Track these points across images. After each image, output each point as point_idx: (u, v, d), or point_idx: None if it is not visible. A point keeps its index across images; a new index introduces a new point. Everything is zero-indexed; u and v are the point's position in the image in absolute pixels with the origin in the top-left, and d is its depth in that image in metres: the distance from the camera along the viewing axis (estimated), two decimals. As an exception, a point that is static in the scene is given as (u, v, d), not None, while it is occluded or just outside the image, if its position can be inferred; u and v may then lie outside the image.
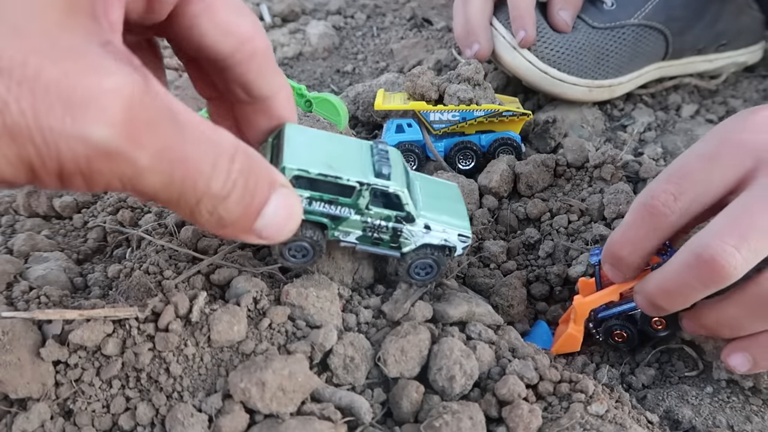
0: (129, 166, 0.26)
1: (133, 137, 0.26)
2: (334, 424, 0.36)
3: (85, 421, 0.38)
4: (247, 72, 0.39)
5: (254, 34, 0.38)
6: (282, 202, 0.33)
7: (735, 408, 0.46)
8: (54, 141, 0.24)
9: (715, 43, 0.89)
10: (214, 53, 0.38)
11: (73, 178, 0.26)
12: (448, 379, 0.40)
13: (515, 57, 0.78)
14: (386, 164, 0.42)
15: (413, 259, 0.44)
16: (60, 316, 0.39)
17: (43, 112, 0.24)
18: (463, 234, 0.45)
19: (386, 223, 0.42)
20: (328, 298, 0.43)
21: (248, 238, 0.34)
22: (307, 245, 0.42)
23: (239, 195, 0.31)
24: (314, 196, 0.40)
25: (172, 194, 0.29)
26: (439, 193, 0.48)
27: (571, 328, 0.49)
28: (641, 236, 0.42)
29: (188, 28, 0.36)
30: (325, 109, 0.61)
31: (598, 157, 0.67)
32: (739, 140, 0.40)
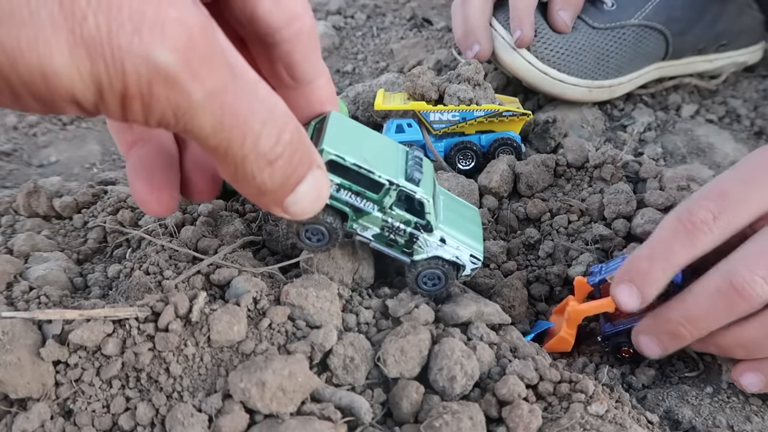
0: (184, 96, 0.27)
1: (191, 67, 0.27)
2: (334, 424, 0.36)
3: (85, 421, 0.38)
4: (293, 50, 0.40)
5: (304, 11, 0.39)
6: (314, 183, 0.34)
7: (735, 408, 0.46)
8: (121, 58, 0.25)
9: (716, 43, 0.89)
10: (265, 26, 0.38)
11: (133, 103, 0.27)
12: (449, 380, 0.40)
13: (515, 58, 0.78)
14: (418, 170, 0.43)
15: (423, 268, 0.45)
16: (60, 316, 0.39)
17: (114, 29, 0.25)
18: (475, 255, 0.45)
19: (405, 227, 0.43)
20: (328, 298, 0.43)
21: (275, 210, 0.34)
22: (324, 230, 0.42)
23: (284, 164, 0.32)
24: (344, 184, 0.41)
25: (222, 141, 0.29)
26: (460, 213, 0.48)
27: (563, 331, 0.50)
28: (675, 251, 0.41)
29: (243, 0, 0.37)
30: (325, 109, 0.60)
31: (598, 157, 0.67)
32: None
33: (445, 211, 0.46)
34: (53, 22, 0.24)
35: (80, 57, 0.25)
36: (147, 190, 0.38)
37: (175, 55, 0.26)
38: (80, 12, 0.24)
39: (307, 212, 0.35)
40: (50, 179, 0.63)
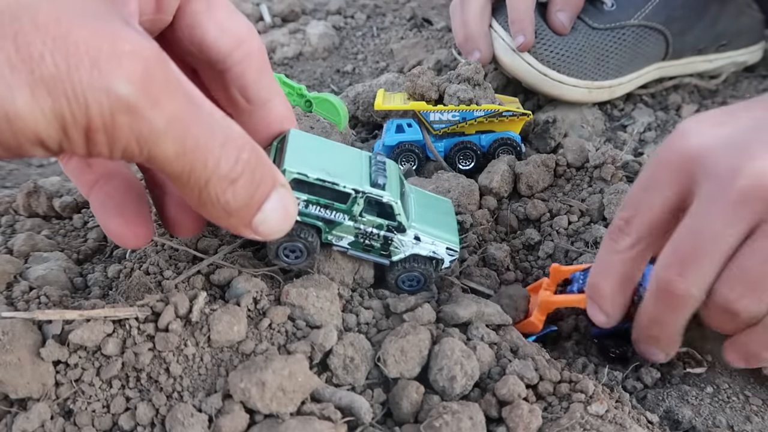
0: (146, 124, 0.28)
1: (150, 96, 0.28)
2: (334, 424, 0.36)
3: (85, 421, 0.38)
4: (244, 72, 0.41)
5: (250, 34, 0.41)
6: (280, 201, 0.35)
7: (735, 408, 0.46)
8: (83, 93, 0.26)
9: (715, 43, 0.89)
10: (214, 53, 0.40)
11: (98, 135, 0.27)
12: (449, 380, 0.40)
13: (514, 59, 0.78)
14: (382, 175, 0.43)
15: (400, 272, 0.46)
16: (60, 317, 0.39)
17: (73, 65, 0.26)
18: (451, 248, 0.47)
19: (378, 231, 0.44)
20: (328, 298, 0.43)
21: (245, 232, 0.35)
22: (301, 246, 0.43)
23: (246, 182, 0.32)
24: (311, 199, 0.42)
25: (185, 166, 0.30)
26: (432, 207, 0.49)
27: (534, 316, 0.51)
28: (609, 262, 0.44)
29: (190, 27, 0.39)
30: (325, 109, 0.61)
31: (598, 157, 0.67)
32: (665, 158, 0.41)
33: (417, 209, 0.47)
34: (11, 66, 0.25)
35: (41, 96, 0.25)
36: (122, 225, 0.39)
37: (133, 86, 0.27)
38: (37, 52, 0.25)
39: (277, 231, 0.36)
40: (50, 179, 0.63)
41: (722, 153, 0.38)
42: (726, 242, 0.38)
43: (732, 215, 0.37)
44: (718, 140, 0.39)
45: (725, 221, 0.38)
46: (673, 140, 0.41)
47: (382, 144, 0.73)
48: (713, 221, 0.38)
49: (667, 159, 0.41)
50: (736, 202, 0.37)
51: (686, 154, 0.40)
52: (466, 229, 0.62)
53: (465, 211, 0.64)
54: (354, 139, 0.79)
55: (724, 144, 0.39)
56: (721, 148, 0.39)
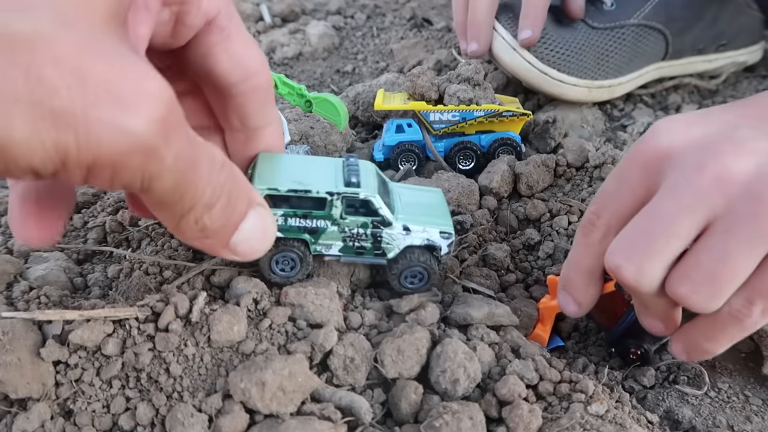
0: (157, 163, 0.28)
1: (166, 136, 0.27)
2: (334, 424, 0.36)
3: (85, 421, 0.38)
4: (248, 103, 0.41)
5: (261, 67, 0.41)
6: (258, 220, 0.35)
7: (735, 408, 0.46)
8: (97, 131, 0.25)
9: (715, 43, 0.89)
10: (222, 81, 0.39)
11: (101, 171, 0.27)
12: (452, 382, 0.40)
13: (514, 58, 0.78)
14: (355, 174, 0.43)
15: (401, 269, 0.45)
16: (60, 317, 0.39)
17: (91, 102, 0.25)
18: (445, 231, 0.45)
19: (364, 230, 0.43)
20: (327, 296, 0.43)
21: (224, 253, 0.35)
22: (294, 256, 0.43)
23: (223, 205, 0.32)
24: (288, 212, 0.42)
25: (175, 197, 0.30)
26: (419, 198, 0.48)
27: (538, 328, 0.51)
28: (580, 254, 0.44)
29: (203, 56, 0.38)
30: (325, 109, 0.60)
31: (598, 157, 0.67)
32: (638, 155, 0.42)
33: (403, 204, 0.46)
34: (17, 96, 0.24)
35: (45, 128, 0.25)
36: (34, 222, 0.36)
37: (155, 126, 0.27)
38: (50, 84, 0.24)
39: (257, 250, 0.36)
40: (50, 179, 0.63)
41: (690, 150, 0.39)
42: (679, 230, 0.38)
43: (690, 205, 0.37)
44: (689, 139, 0.40)
45: (682, 209, 0.38)
46: (645, 138, 0.42)
47: (382, 144, 0.73)
48: (669, 208, 0.38)
49: (638, 155, 0.42)
50: (696, 193, 0.37)
51: (656, 150, 0.41)
52: (466, 229, 0.62)
53: (465, 211, 0.64)
54: (354, 139, 0.79)
55: (694, 142, 0.40)
56: (690, 146, 0.39)
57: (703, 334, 0.41)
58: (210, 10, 0.37)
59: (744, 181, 0.36)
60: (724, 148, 0.38)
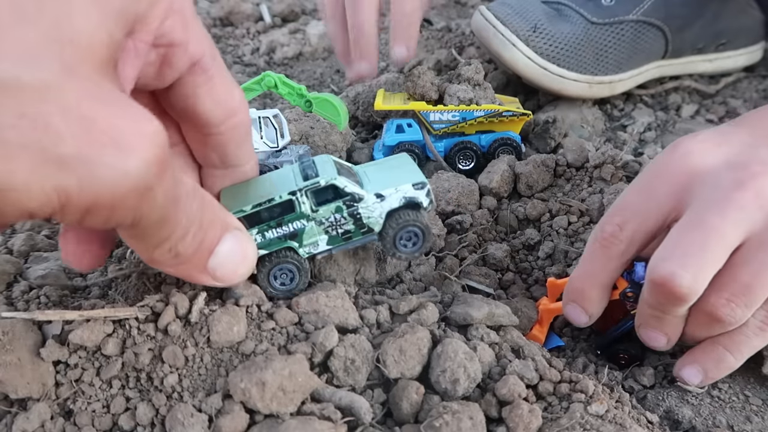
0: (150, 201, 0.29)
1: (161, 176, 0.29)
2: (334, 424, 0.36)
3: (85, 421, 0.38)
4: (228, 141, 0.42)
5: (241, 107, 0.41)
6: (235, 243, 0.36)
7: (735, 408, 0.46)
8: (101, 174, 0.27)
9: (715, 42, 0.89)
10: (203, 121, 0.40)
11: (99, 212, 0.28)
12: (452, 382, 0.40)
13: (514, 54, 0.78)
14: (310, 167, 0.43)
15: (393, 233, 0.44)
16: (60, 317, 0.39)
17: (96, 148, 0.26)
18: (417, 182, 0.44)
19: (340, 214, 0.43)
20: (339, 296, 0.43)
21: (203, 279, 0.36)
22: (292, 267, 0.43)
23: (195, 231, 0.33)
24: (262, 227, 0.42)
25: (155, 230, 0.31)
26: (385, 167, 0.48)
27: (535, 329, 0.52)
28: (598, 268, 0.45)
29: (186, 96, 0.39)
30: (325, 109, 0.60)
31: (598, 157, 0.67)
32: (667, 172, 0.44)
33: (369, 177, 0.45)
34: (22, 144, 0.25)
35: (47, 174, 0.26)
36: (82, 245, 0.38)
37: (153, 168, 0.28)
38: (56, 132, 0.25)
39: (238, 274, 0.37)
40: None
41: (724, 169, 0.42)
42: (728, 242, 0.39)
43: (736, 219, 0.39)
44: (718, 159, 0.42)
45: (729, 223, 0.39)
46: (673, 157, 0.44)
47: (383, 144, 0.73)
48: (717, 221, 0.39)
49: (668, 173, 0.43)
50: (740, 208, 0.39)
51: (687, 170, 0.43)
52: (466, 229, 0.62)
53: (465, 211, 0.64)
54: (354, 139, 0.79)
55: (724, 162, 0.42)
56: (722, 165, 0.42)
57: (727, 349, 0.43)
58: (196, 52, 0.38)
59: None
60: (756, 168, 0.41)
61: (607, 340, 0.50)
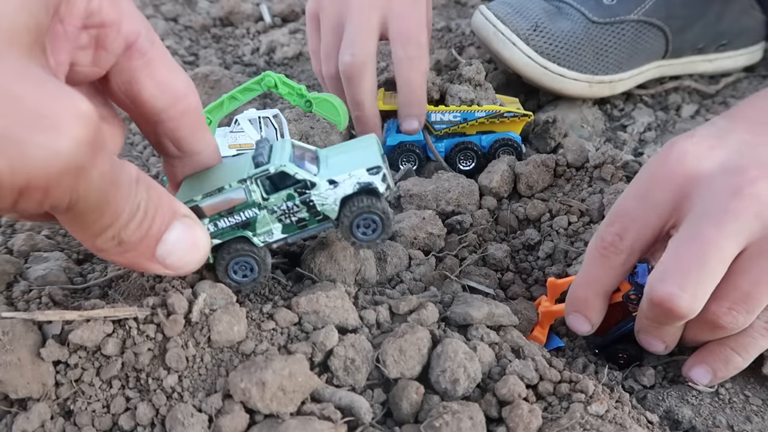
0: (85, 182, 0.29)
1: (94, 156, 0.28)
2: (334, 424, 0.36)
3: (85, 421, 0.38)
4: (179, 127, 0.41)
5: (188, 91, 0.41)
6: (185, 230, 0.35)
7: (735, 408, 0.46)
8: (32, 154, 0.26)
9: (716, 42, 0.89)
10: (149, 107, 0.40)
11: (33, 193, 0.28)
12: (452, 382, 0.40)
13: (514, 53, 0.78)
14: (262, 155, 0.42)
15: (349, 221, 0.43)
16: (60, 317, 0.39)
17: (26, 128, 0.26)
18: (372, 167, 0.42)
19: (292, 201, 0.42)
20: (339, 296, 0.43)
21: (152, 267, 0.35)
22: (250, 260, 0.43)
23: (140, 218, 0.33)
24: (214, 216, 0.42)
25: (95, 216, 0.31)
26: (346, 150, 0.46)
27: (536, 330, 0.52)
28: (600, 277, 0.45)
29: (127, 83, 0.39)
30: (325, 109, 0.61)
31: (598, 157, 0.67)
32: (664, 177, 0.43)
33: (329, 163, 0.44)
34: None
35: None
36: None
37: (85, 147, 0.28)
38: None
39: (189, 261, 0.36)
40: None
41: (720, 174, 0.40)
42: (726, 256, 0.39)
43: (733, 230, 0.39)
44: (714, 162, 0.41)
45: (726, 235, 0.39)
46: (668, 160, 0.43)
47: (384, 144, 0.73)
48: (714, 234, 0.39)
49: (664, 178, 0.42)
50: (737, 218, 0.39)
51: (684, 174, 0.42)
52: (466, 229, 0.62)
53: (465, 211, 0.64)
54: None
55: (721, 166, 0.41)
56: (718, 169, 0.41)
57: (735, 350, 0.44)
58: (130, 33, 0.37)
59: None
60: (754, 173, 0.40)
61: (607, 341, 0.50)
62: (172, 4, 1.21)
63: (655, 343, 0.46)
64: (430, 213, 0.60)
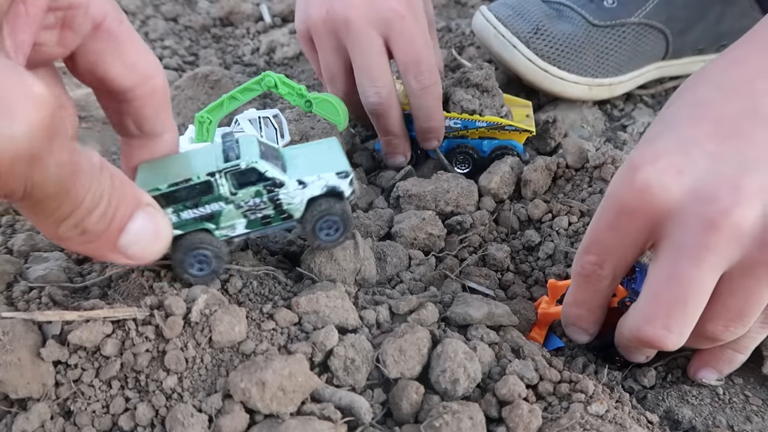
0: (41, 170, 0.28)
1: (50, 142, 0.27)
2: (334, 424, 0.36)
3: (85, 422, 0.38)
4: (144, 107, 0.41)
5: (156, 72, 0.40)
6: (148, 220, 0.35)
7: (735, 408, 0.46)
8: None
9: (716, 43, 0.89)
10: (116, 86, 0.39)
11: None
12: (452, 382, 0.40)
13: (514, 55, 0.78)
14: (232, 149, 0.42)
15: (313, 221, 0.43)
16: (59, 317, 0.39)
17: None
18: (340, 170, 0.43)
19: (260, 198, 0.42)
20: (339, 296, 0.43)
21: (114, 257, 0.34)
22: (208, 253, 0.42)
23: (103, 207, 0.32)
24: (178, 207, 0.41)
25: (55, 204, 0.30)
26: (311, 152, 0.47)
27: (533, 331, 0.52)
28: (589, 297, 0.46)
29: (94, 63, 0.38)
30: (325, 109, 0.60)
31: (598, 158, 0.67)
32: (633, 209, 0.41)
33: (294, 162, 0.44)
34: None
35: None
36: None
37: (40, 133, 0.27)
38: None
39: (151, 251, 0.36)
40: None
41: (692, 204, 0.38)
42: (707, 289, 0.39)
43: (712, 264, 0.38)
44: (684, 189, 0.39)
45: (706, 270, 0.39)
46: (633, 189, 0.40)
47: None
48: (693, 271, 0.39)
49: (634, 210, 0.41)
50: (715, 251, 0.38)
51: (653, 208, 0.40)
52: (466, 229, 0.62)
53: (464, 211, 0.64)
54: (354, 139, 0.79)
55: (691, 194, 0.39)
56: (689, 198, 0.39)
57: (736, 350, 0.46)
58: (97, 14, 0.37)
59: (755, 233, 0.37)
60: (726, 200, 0.38)
61: (604, 343, 0.50)
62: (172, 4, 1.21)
63: (637, 356, 0.48)
64: (430, 213, 0.60)
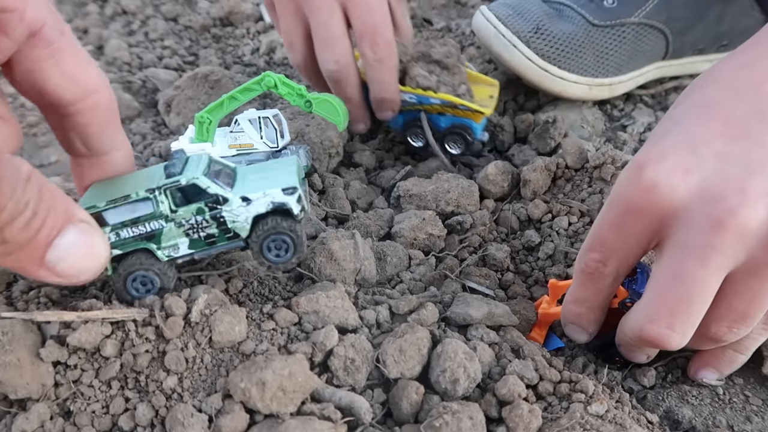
0: None
1: None
2: (334, 424, 0.36)
3: (85, 422, 0.38)
4: (89, 123, 0.39)
5: (100, 87, 0.39)
6: (80, 236, 0.33)
7: (735, 408, 0.46)
8: None
9: (716, 43, 0.89)
10: (55, 99, 0.38)
11: None
12: (452, 382, 0.40)
13: (514, 54, 0.78)
14: (174, 167, 0.41)
15: (260, 241, 0.41)
16: (58, 318, 0.39)
17: None
18: (287, 187, 0.41)
19: (202, 216, 0.41)
20: (338, 296, 0.43)
21: (41, 273, 0.33)
22: (151, 275, 0.41)
23: (27, 218, 0.31)
24: (116, 225, 0.40)
25: None
26: (266, 170, 0.45)
27: (534, 331, 0.52)
28: (590, 295, 0.45)
29: (30, 72, 0.37)
30: (325, 109, 0.60)
31: (598, 158, 0.67)
32: (639, 208, 0.40)
33: (246, 180, 0.43)
34: None
35: None
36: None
37: None
38: None
39: (83, 270, 0.34)
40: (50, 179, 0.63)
41: (699, 203, 0.38)
42: (711, 290, 0.39)
43: (717, 264, 0.38)
44: (691, 189, 0.39)
45: (711, 271, 0.38)
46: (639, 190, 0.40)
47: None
48: (698, 271, 0.38)
49: (640, 210, 0.40)
50: (720, 252, 0.38)
51: (660, 207, 0.40)
52: (466, 230, 0.62)
53: (464, 211, 0.64)
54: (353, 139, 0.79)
55: (698, 193, 0.38)
56: (696, 197, 0.38)
57: (737, 351, 0.46)
58: (34, 21, 0.35)
59: (760, 235, 0.37)
60: (733, 200, 0.37)
61: (605, 344, 0.50)
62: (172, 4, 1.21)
63: (638, 356, 0.47)
64: (430, 213, 0.60)
